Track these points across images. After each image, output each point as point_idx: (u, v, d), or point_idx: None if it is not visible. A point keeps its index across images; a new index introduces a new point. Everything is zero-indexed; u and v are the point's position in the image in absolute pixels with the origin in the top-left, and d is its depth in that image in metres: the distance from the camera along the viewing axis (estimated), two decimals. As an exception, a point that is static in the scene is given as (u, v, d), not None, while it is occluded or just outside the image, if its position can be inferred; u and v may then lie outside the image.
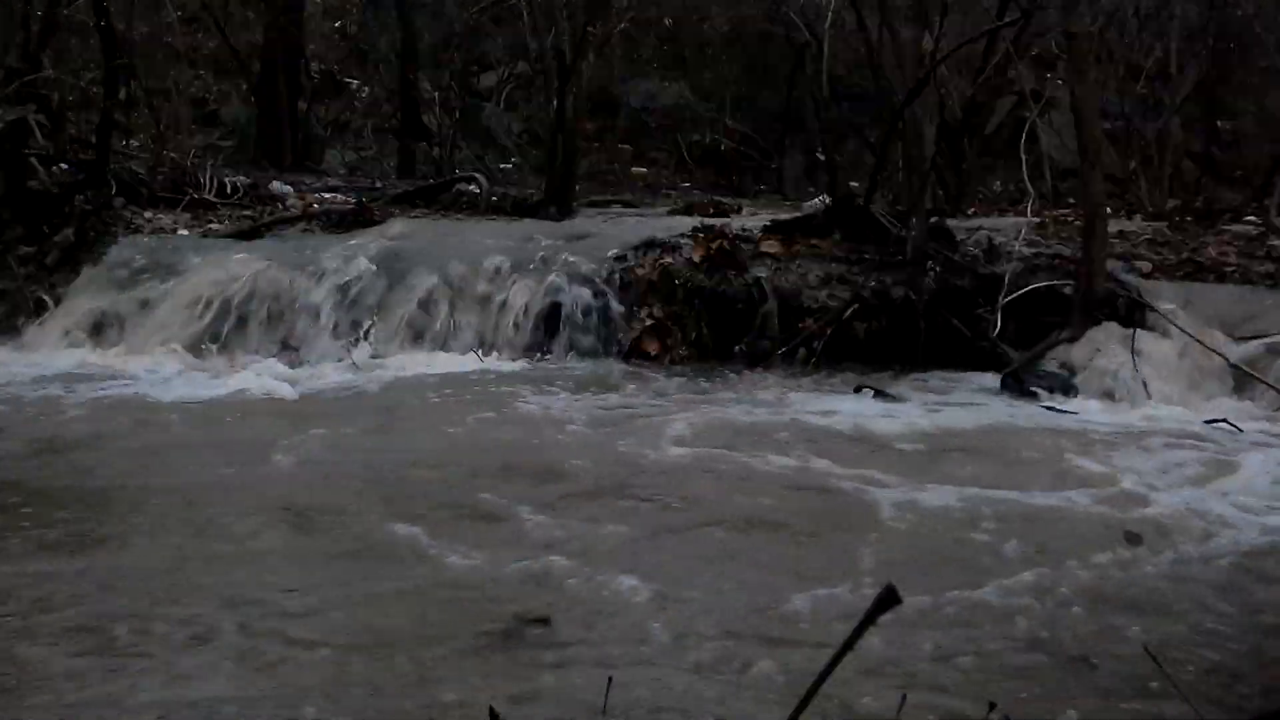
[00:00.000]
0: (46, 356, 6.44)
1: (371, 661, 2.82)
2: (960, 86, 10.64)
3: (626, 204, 10.87)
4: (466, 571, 3.43)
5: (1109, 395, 5.97)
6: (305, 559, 3.52)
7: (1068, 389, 6.00)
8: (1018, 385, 6.04)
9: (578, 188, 9.91)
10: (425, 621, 3.09)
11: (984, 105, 10.39)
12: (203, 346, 6.60)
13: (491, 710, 1.68)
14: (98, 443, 4.77)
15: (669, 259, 7.05)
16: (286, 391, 5.85)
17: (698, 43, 16.06)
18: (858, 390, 5.92)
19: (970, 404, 5.86)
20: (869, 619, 1.16)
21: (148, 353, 6.53)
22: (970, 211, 9.48)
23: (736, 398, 5.82)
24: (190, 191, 8.51)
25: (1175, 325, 5.88)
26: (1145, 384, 5.92)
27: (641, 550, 3.65)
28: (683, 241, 7.26)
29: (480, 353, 6.60)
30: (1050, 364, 6.20)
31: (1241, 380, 5.90)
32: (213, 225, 8.00)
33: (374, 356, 6.55)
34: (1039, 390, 5.97)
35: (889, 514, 4.03)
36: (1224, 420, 5.44)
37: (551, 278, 6.90)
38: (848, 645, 1.18)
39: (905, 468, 4.57)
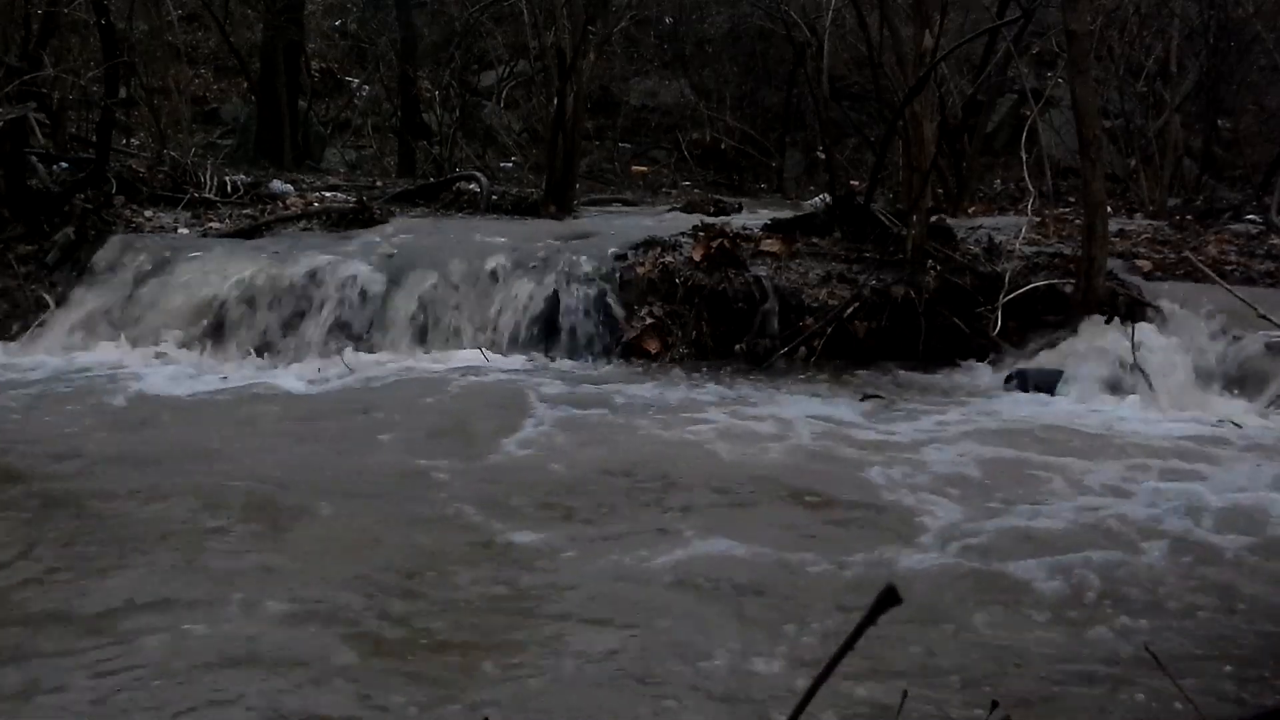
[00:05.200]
0: (46, 355, 6.43)
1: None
2: (961, 85, 10.65)
3: (626, 203, 10.88)
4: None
5: (1109, 393, 5.97)
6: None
7: (1064, 387, 6.00)
8: (1020, 384, 6.04)
9: (578, 186, 9.91)
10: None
11: (984, 104, 10.39)
12: (202, 345, 6.60)
13: None
14: (98, 441, 4.76)
15: (669, 258, 7.05)
16: (286, 390, 5.85)
17: (698, 41, 16.06)
18: (864, 399, 5.84)
19: (968, 404, 5.85)
20: (869, 619, 1.16)
21: (147, 351, 6.53)
22: (970, 210, 9.49)
23: (736, 396, 5.81)
24: (190, 190, 8.51)
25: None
26: (1147, 382, 5.92)
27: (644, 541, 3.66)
28: (683, 240, 7.26)
29: (481, 352, 6.59)
30: (1050, 363, 6.20)
31: (1241, 379, 5.90)
32: (213, 224, 7.99)
33: (374, 355, 6.55)
34: (1038, 389, 5.97)
35: (890, 514, 4.03)
36: (1223, 421, 5.44)
37: (552, 276, 6.90)
38: (848, 645, 1.18)
39: (905, 468, 4.57)
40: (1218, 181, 11.07)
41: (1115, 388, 6.00)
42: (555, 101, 9.08)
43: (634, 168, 14.74)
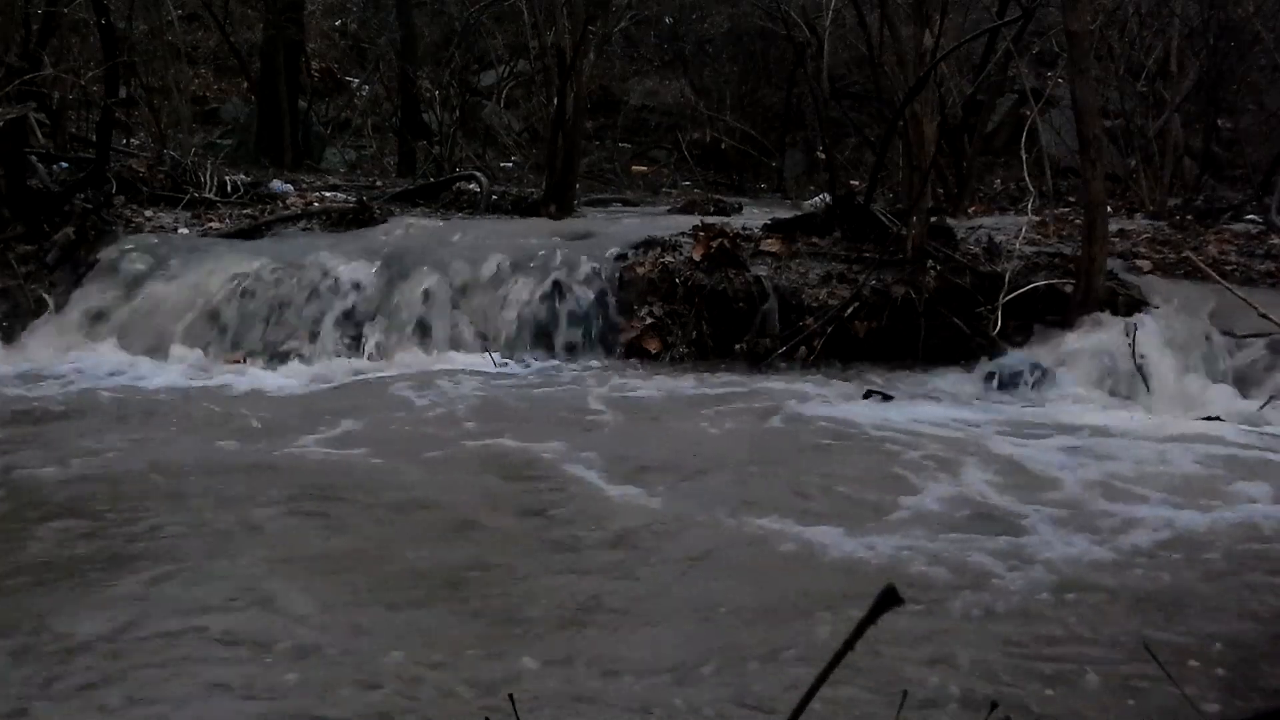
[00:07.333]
0: (46, 355, 6.43)
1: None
2: (961, 85, 10.65)
3: (627, 202, 10.89)
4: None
5: (1108, 393, 5.97)
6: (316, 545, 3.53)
7: (1052, 386, 6.01)
8: (1007, 385, 6.06)
9: (578, 186, 9.92)
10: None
11: (984, 103, 10.39)
12: (202, 345, 6.60)
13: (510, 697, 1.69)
14: (95, 441, 4.76)
15: (669, 257, 7.05)
16: (286, 390, 5.86)
17: (698, 41, 16.07)
18: (867, 395, 5.84)
19: (966, 403, 5.86)
20: (869, 619, 1.16)
21: (147, 351, 6.53)
22: (970, 210, 9.49)
23: (736, 395, 5.81)
24: (190, 190, 8.52)
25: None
26: (1145, 381, 5.92)
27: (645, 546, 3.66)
28: (683, 240, 7.27)
29: (481, 352, 6.60)
30: (1045, 362, 6.20)
31: (1241, 379, 5.91)
32: (213, 224, 7.99)
33: (374, 356, 6.55)
34: (1029, 389, 5.98)
35: (885, 512, 4.03)
36: (1218, 417, 5.45)
37: (552, 276, 6.91)
38: (848, 645, 1.18)
39: (898, 467, 4.57)
40: (1218, 181, 11.07)
41: (1114, 387, 6.00)
42: (555, 101, 9.08)
43: (634, 168, 14.75)
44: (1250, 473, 4.54)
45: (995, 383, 6.08)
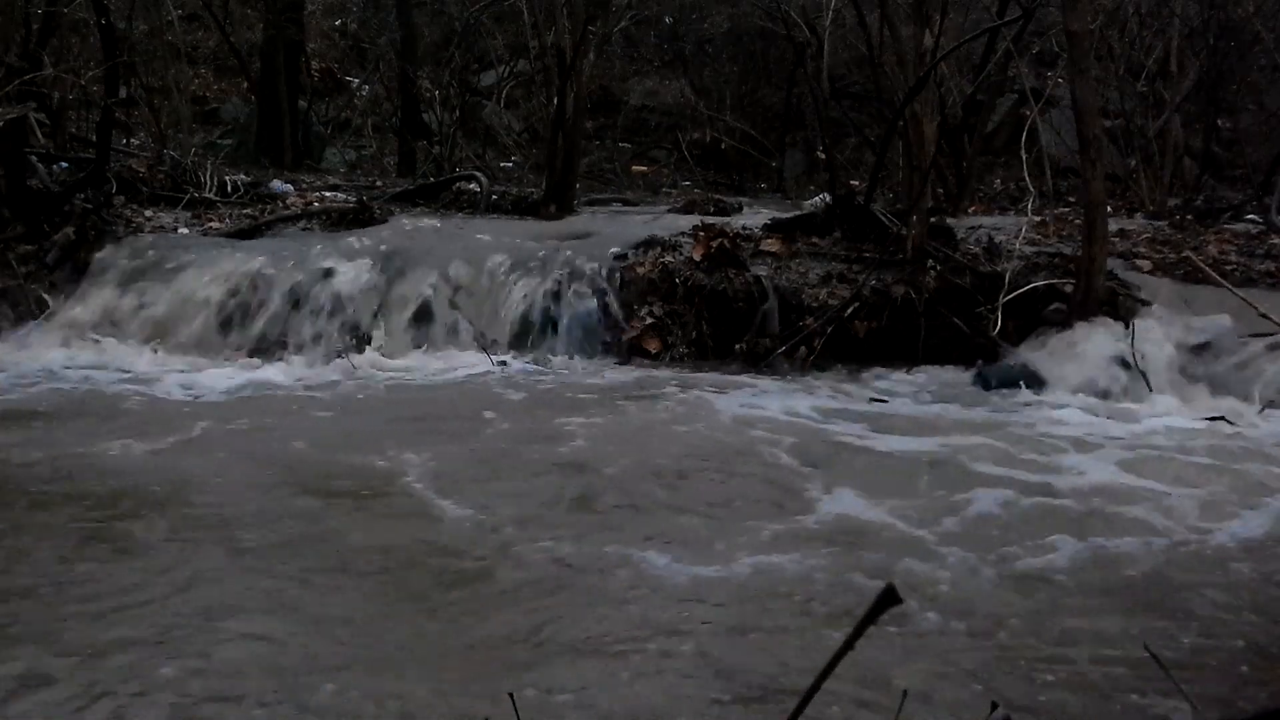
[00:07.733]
0: (47, 355, 6.43)
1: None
2: (961, 85, 10.65)
3: (627, 202, 10.88)
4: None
5: (1108, 392, 5.97)
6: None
7: (1052, 387, 6.01)
8: (984, 383, 6.07)
9: (578, 186, 9.92)
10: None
11: (984, 104, 10.39)
12: (202, 345, 6.60)
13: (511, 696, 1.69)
14: (94, 442, 4.75)
15: (669, 257, 7.06)
16: (285, 390, 5.85)
17: (698, 41, 16.07)
18: (871, 401, 5.82)
19: (966, 404, 5.85)
20: (869, 619, 1.16)
21: (147, 351, 6.53)
22: (970, 210, 9.49)
23: (735, 395, 5.81)
24: (190, 190, 8.52)
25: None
26: (1146, 381, 5.92)
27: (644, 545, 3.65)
28: (683, 240, 7.27)
29: (486, 354, 6.59)
30: (1045, 362, 6.20)
31: (1240, 379, 5.91)
32: (213, 224, 7.99)
33: (374, 356, 6.55)
34: (1027, 389, 5.99)
35: (883, 512, 4.03)
36: (1221, 418, 5.45)
37: (552, 276, 6.91)
38: (847, 645, 1.18)
39: (900, 468, 4.57)
40: (1218, 181, 11.07)
41: (1114, 387, 6.00)
42: (555, 101, 9.08)
43: (634, 168, 14.75)
44: (1253, 473, 4.55)
45: (995, 384, 6.10)
